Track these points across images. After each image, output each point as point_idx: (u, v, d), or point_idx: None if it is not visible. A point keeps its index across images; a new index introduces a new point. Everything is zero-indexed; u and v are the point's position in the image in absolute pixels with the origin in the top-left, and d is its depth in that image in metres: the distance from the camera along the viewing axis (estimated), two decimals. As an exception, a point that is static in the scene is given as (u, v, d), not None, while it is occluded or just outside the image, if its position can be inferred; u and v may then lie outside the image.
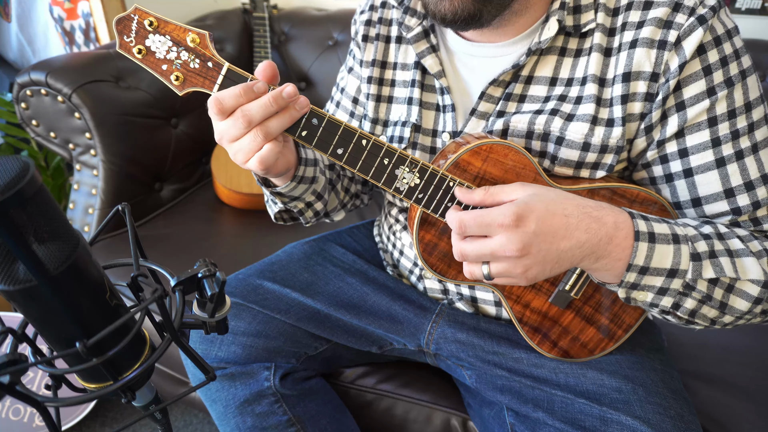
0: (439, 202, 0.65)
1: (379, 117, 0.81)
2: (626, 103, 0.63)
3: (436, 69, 0.73)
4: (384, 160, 0.63)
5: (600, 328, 0.73)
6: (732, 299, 0.59)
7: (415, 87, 0.75)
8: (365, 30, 0.81)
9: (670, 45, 0.60)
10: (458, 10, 0.62)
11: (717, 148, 0.62)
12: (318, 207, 0.80)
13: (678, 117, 0.62)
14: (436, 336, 0.81)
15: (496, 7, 0.63)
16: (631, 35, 0.62)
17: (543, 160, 0.68)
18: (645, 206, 0.67)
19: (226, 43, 1.58)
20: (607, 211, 0.58)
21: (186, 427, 1.32)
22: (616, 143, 0.64)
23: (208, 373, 0.35)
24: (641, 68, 0.62)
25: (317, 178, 0.75)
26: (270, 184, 0.73)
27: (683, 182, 0.65)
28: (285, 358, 0.81)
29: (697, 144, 0.63)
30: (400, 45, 0.79)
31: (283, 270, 0.88)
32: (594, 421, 0.65)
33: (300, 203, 0.76)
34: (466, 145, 0.64)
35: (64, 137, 1.23)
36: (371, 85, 0.80)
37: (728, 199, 0.63)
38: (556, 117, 0.65)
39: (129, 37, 0.58)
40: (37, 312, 0.28)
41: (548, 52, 0.67)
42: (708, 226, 0.61)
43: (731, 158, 0.62)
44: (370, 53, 0.81)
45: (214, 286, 0.34)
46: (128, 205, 0.36)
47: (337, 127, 0.61)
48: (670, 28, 0.60)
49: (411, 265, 0.86)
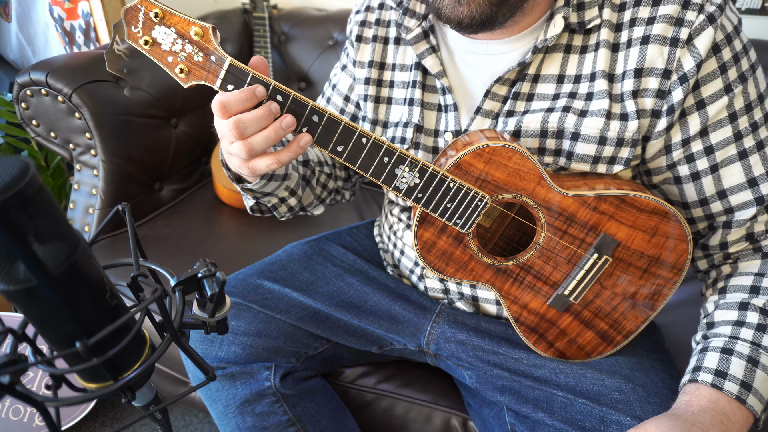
0: (438, 202, 0.65)
1: (378, 118, 0.81)
2: (637, 98, 0.64)
3: (437, 69, 0.73)
4: (384, 158, 0.63)
5: (598, 333, 0.73)
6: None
7: (416, 88, 0.75)
8: (360, 30, 0.81)
9: (682, 42, 0.61)
10: (476, 14, 0.62)
11: (739, 141, 0.65)
12: (292, 203, 0.81)
13: (699, 115, 0.64)
14: (436, 336, 0.81)
15: (511, 9, 0.64)
16: (642, 31, 0.63)
17: (558, 158, 0.68)
18: (654, 216, 0.66)
19: (226, 43, 1.58)
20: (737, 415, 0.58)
21: (186, 427, 1.32)
22: (632, 136, 0.65)
23: (207, 373, 0.35)
24: (654, 65, 0.63)
25: (289, 175, 0.76)
26: (242, 180, 0.73)
27: (709, 178, 0.67)
28: (285, 358, 0.81)
29: (721, 140, 0.65)
30: (399, 46, 0.78)
31: (283, 270, 0.88)
32: (594, 422, 0.65)
33: (273, 198, 0.78)
34: (470, 145, 0.64)
35: (65, 137, 1.23)
36: (369, 87, 0.80)
37: (752, 188, 0.66)
38: (569, 114, 0.66)
39: (136, 27, 0.58)
40: (38, 312, 0.28)
41: (553, 50, 0.67)
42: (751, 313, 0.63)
43: (753, 149, 0.65)
44: (365, 54, 0.81)
45: (214, 286, 0.34)
46: (128, 205, 0.36)
47: (337, 124, 0.61)
48: (682, 25, 0.61)
49: (412, 264, 0.86)
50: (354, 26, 0.83)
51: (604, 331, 0.73)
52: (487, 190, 0.65)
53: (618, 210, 0.66)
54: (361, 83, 0.81)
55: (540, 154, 0.69)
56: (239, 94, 0.57)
